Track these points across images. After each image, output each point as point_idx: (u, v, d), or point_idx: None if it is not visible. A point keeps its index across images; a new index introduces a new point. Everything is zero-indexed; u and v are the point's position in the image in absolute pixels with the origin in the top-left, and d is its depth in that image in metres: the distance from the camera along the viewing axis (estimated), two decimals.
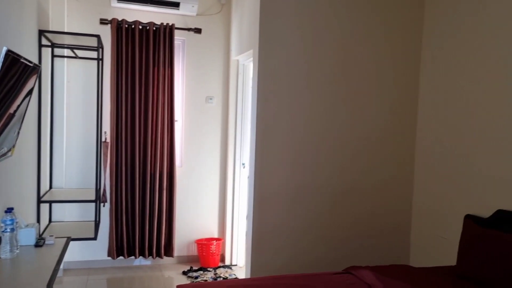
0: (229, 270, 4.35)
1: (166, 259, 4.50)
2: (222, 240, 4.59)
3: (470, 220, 3.01)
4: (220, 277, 4.13)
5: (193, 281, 3.99)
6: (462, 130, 3.27)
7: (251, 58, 4.08)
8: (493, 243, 2.71)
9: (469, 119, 3.21)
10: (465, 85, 3.26)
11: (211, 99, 4.62)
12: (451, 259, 3.25)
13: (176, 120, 4.48)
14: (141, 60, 4.21)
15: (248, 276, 3.47)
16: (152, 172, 4.29)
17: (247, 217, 3.60)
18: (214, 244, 4.44)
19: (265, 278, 2.73)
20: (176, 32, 4.35)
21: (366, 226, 3.71)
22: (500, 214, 2.88)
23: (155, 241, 4.29)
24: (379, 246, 3.75)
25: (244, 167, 4.56)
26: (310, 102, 3.52)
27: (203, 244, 4.44)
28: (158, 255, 4.34)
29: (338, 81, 3.56)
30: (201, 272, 4.25)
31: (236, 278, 4.14)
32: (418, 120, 3.76)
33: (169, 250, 4.41)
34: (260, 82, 3.44)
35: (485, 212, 3.02)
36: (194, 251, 4.62)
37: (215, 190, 4.66)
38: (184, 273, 4.24)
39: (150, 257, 4.33)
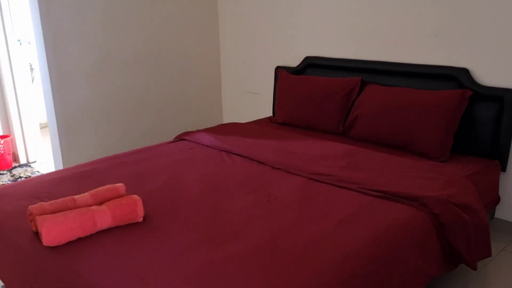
0: (29, 169, 3.72)
1: None
2: (11, 137, 3.81)
3: (282, 71, 3.19)
4: (20, 177, 3.50)
5: None
6: None
7: None
8: (303, 87, 2.95)
9: None
10: None
11: None
12: (266, 112, 3.48)
13: None
14: None
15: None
16: None
17: (46, 103, 3.00)
18: (2, 142, 3.66)
19: (95, 162, 2.40)
20: None
21: (180, 92, 3.59)
22: (307, 61, 3.13)
23: None
24: (196, 112, 3.73)
25: (21, 44, 3.68)
26: None
27: None
28: None
29: None
30: None
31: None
32: None
33: None
34: None
35: (294, 62, 3.24)
36: None
37: None
38: None
39: None
